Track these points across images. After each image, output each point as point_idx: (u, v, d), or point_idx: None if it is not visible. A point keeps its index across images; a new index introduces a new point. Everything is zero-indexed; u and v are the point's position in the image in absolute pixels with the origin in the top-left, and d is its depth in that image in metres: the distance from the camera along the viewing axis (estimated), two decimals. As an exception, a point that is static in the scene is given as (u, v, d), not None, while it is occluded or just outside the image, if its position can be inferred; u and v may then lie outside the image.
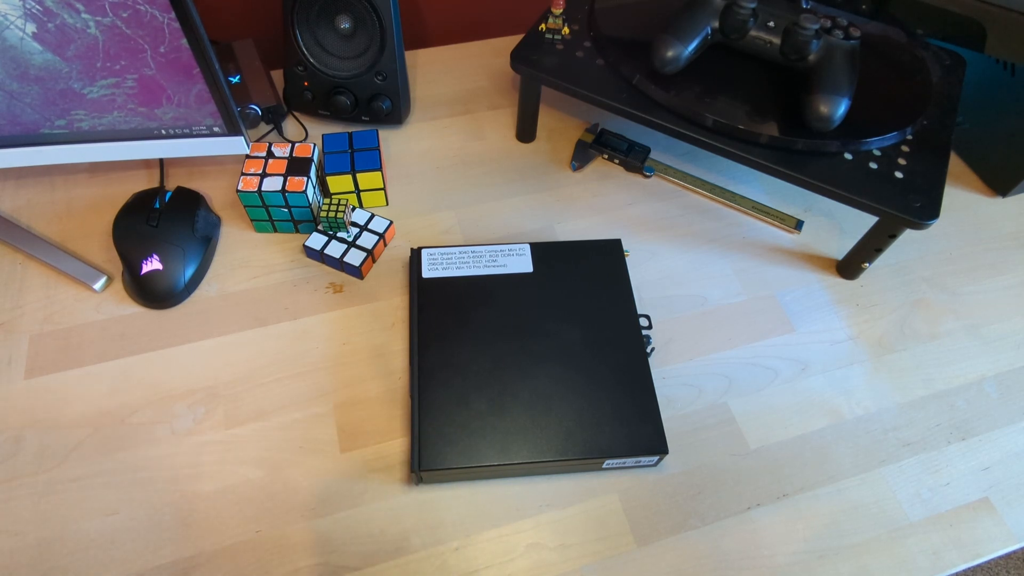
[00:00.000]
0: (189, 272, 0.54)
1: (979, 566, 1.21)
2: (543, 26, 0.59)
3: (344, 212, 0.55)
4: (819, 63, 0.52)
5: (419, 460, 0.44)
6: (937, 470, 0.49)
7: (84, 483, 0.46)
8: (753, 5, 0.53)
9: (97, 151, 0.54)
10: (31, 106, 0.50)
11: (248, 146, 0.56)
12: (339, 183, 0.58)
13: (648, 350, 0.51)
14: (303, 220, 0.57)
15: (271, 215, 0.57)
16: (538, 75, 0.58)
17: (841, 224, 0.62)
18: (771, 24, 0.54)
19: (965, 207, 0.65)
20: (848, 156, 0.53)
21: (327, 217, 0.55)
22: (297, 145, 0.57)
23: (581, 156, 0.64)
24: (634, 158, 0.64)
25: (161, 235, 0.54)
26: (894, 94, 0.56)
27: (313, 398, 0.50)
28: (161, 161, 0.62)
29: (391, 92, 0.63)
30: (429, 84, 0.71)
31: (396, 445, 0.48)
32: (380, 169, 0.57)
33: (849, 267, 0.58)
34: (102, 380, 0.50)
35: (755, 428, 0.50)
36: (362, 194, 0.60)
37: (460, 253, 0.54)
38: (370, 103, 0.63)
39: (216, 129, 0.54)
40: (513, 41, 0.68)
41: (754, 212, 0.62)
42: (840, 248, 0.60)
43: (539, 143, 0.67)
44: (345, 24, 0.59)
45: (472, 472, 0.45)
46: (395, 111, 0.64)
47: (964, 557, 0.45)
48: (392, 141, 0.66)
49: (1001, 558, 1.21)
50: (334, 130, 0.64)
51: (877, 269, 0.59)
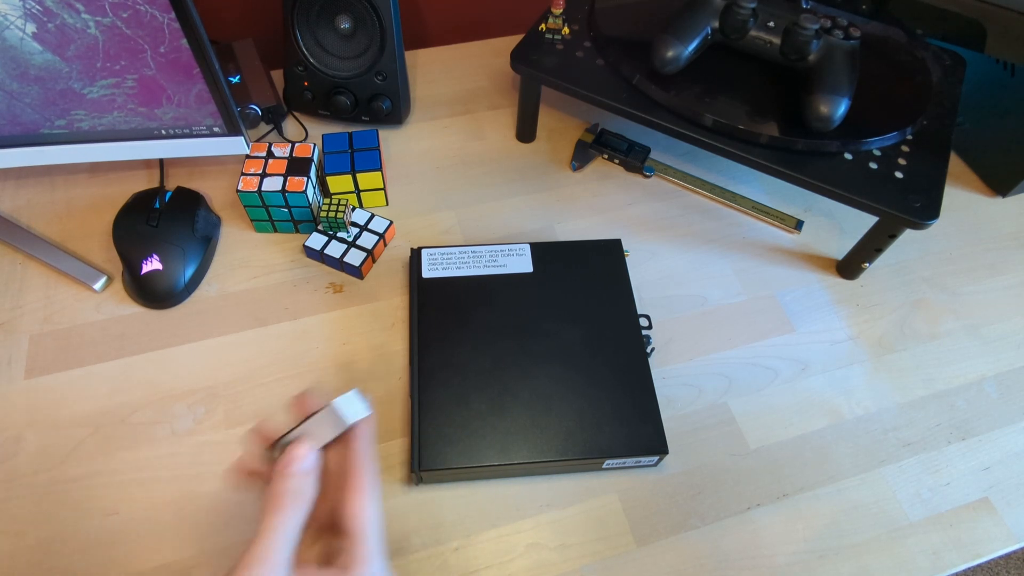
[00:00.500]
0: (189, 272, 0.54)
1: (979, 566, 1.21)
2: (543, 26, 0.59)
3: (344, 212, 0.55)
4: (819, 63, 0.52)
5: (419, 460, 0.44)
6: (937, 470, 0.49)
7: (84, 483, 0.46)
8: (753, 5, 0.53)
9: (97, 151, 0.54)
10: (31, 106, 0.50)
11: (248, 146, 0.56)
12: (339, 183, 0.58)
13: (648, 350, 0.51)
14: (303, 220, 0.57)
15: (271, 215, 0.57)
16: (538, 75, 0.58)
17: (841, 224, 0.62)
18: (771, 24, 0.54)
19: (965, 207, 0.65)
20: (848, 156, 0.53)
21: (327, 217, 0.55)
22: (297, 145, 0.57)
23: (581, 156, 0.64)
24: (634, 158, 0.64)
25: (161, 235, 0.54)
26: (894, 94, 0.56)
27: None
28: (161, 161, 0.62)
29: (391, 92, 0.63)
30: (429, 84, 0.71)
31: (396, 445, 0.48)
32: (380, 169, 0.57)
33: (849, 267, 0.58)
34: (102, 380, 0.50)
35: (755, 428, 0.50)
36: (362, 194, 0.60)
37: (460, 253, 0.54)
38: (370, 103, 0.63)
39: (216, 129, 0.54)
40: (513, 41, 0.68)
41: (754, 212, 0.62)
42: (840, 248, 0.60)
43: (539, 143, 0.67)
44: (345, 24, 0.59)
45: (472, 472, 0.45)
46: (395, 111, 0.64)
47: (964, 557, 0.45)
48: (392, 141, 0.66)
49: (1001, 558, 1.21)
50: (334, 130, 0.64)
51: (877, 269, 0.59)
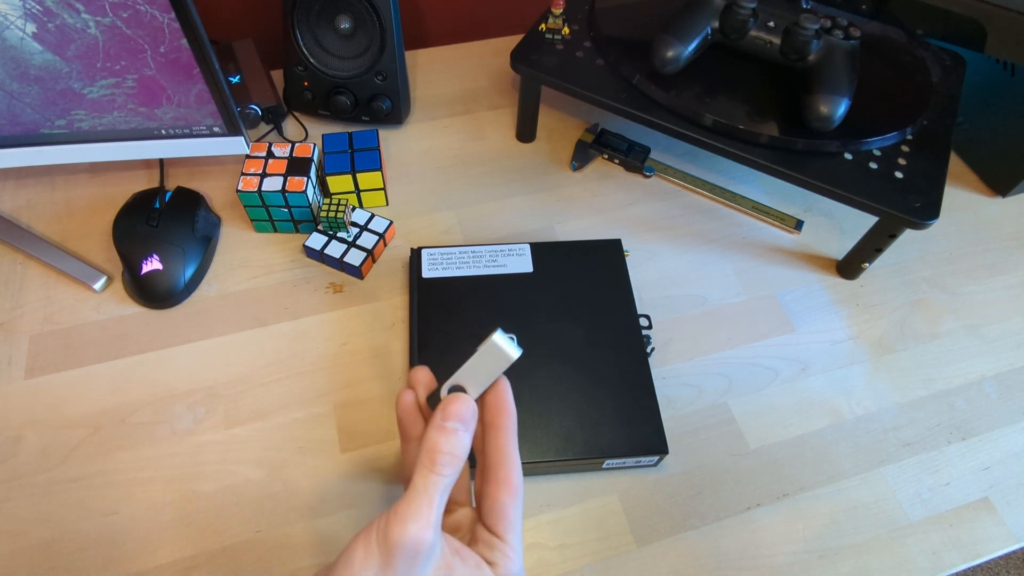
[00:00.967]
0: (189, 272, 0.54)
1: (979, 566, 1.21)
2: (543, 26, 0.59)
3: (344, 212, 0.55)
4: (819, 63, 0.52)
5: (419, 460, 0.44)
6: (937, 470, 0.49)
7: (84, 483, 0.46)
8: (753, 5, 0.53)
9: (97, 151, 0.54)
10: (31, 106, 0.50)
11: (248, 146, 0.56)
12: (339, 183, 0.58)
13: (648, 350, 0.51)
14: (303, 220, 0.57)
15: (271, 215, 0.57)
16: (538, 75, 0.58)
17: (841, 224, 0.62)
18: (771, 24, 0.54)
19: (965, 207, 0.65)
20: (848, 156, 0.53)
21: (327, 217, 0.55)
22: (297, 145, 0.57)
23: (581, 156, 0.64)
24: (634, 158, 0.64)
25: (161, 235, 0.54)
26: (894, 94, 0.56)
27: (313, 398, 0.50)
28: (161, 161, 0.62)
29: (391, 92, 0.63)
30: (429, 84, 0.71)
31: (396, 445, 0.48)
32: (380, 169, 0.57)
33: (849, 267, 0.58)
34: (102, 380, 0.50)
35: (755, 428, 0.50)
36: (362, 194, 0.60)
37: (460, 253, 0.54)
38: (370, 103, 0.63)
39: (216, 129, 0.54)
40: (513, 41, 0.68)
41: (754, 212, 0.62)
42: (840, 248, 0.60)
43: (539, 143, 0.67)
44: (345, 24, 0.59)
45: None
46: (395, 111, 0.64)
47: (964, 557, 0.45)
48: (392, 141, 0.66)
49: (1001, 558, 1.21)
50: (334, 130, 0.64)
51: (877, 269, 0.59)
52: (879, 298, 0.58)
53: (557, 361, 0.48)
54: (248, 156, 0.56)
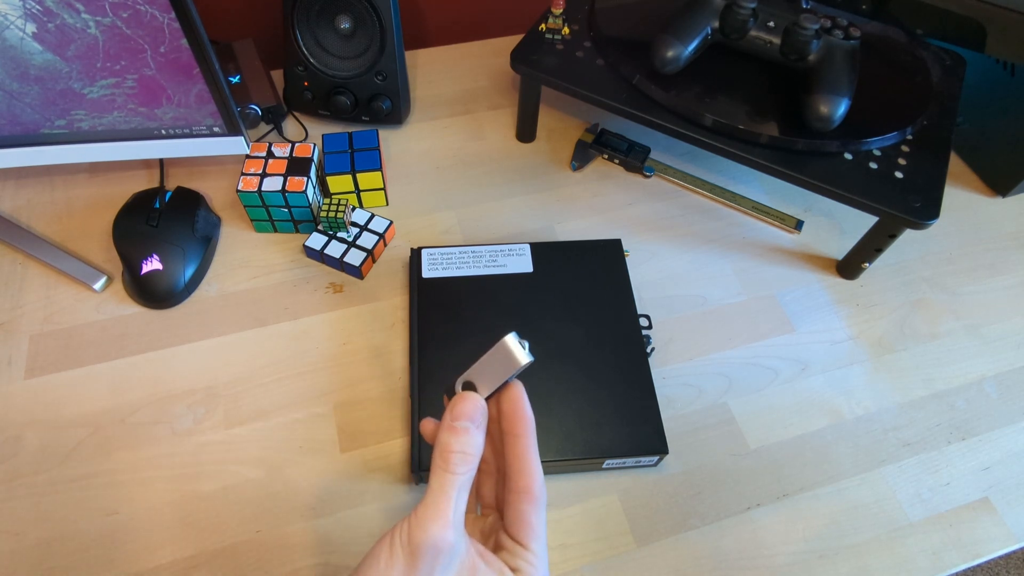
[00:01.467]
0: (189, 272, 0.54)
1: (979, 566, 1.21)
2: (543, 26, 0.59)
3: (344, 212, 0.55)
4: (819, 63, 0.52)
5: (419, 460, 0.44)
6: (937, 470, 0.49)
7: (84, 483, 0.46)
8: (753, 5, 0.53)
9: (97, 151, 0.54)
10: (31, 106, 0.50)
11: (248, 146, 0.56)
12: (339, 183, 0.58)
13: (648, 350, 0.51)
14: (303, 220, 0.57)
15: (271, 215, 0.57)
16: (538, 75, 0.58)
17: (841, 224, 0.62)
18: (771, 24, 0.54)
19: (965, 207, 0.65)
20: (848, 156, 0.53)
21: (327, 217, 0.55)
22: (297, 145, 0.57)
23: (581, 156, 0.64)
24: (634, 158, 0.64)
25: (161, 235, 0.54)
26: (894, 94, 0.56)
27: (313, 398, 0.50)
28: (161, 161, 0.62)
29: (391, 92, 0.63)
30: (429, 84, 0.71)
31: (396, 445, 0.48)
32: (380, 169, 0.57)
33: (849, 267, 0.58)
34: (102, 380, 0.50)
35: (755, 428, 0.50)
36: (362, 194, 0.60)
37: (460, 253, 0.54)
38: (370, 103, 0.63)
39: (216, 129, 0.54)
40: (513, 41, 0.68)
41: (754, 212, 0.62)
42: (840, 248, 0.60)
43: (539, 143, 0.67)
44: (345, 24, 0.59)
45: None
46: (395, 111, 0.64)
47: (964, 557, 0.45)
48: (392, 141, 0.66)
49: (1001, 558, 1.21)
50: (334, 130, 0.64)
51: (877, 269, 0.59)
52: (879, 298, 0.58)
53: (557, 361, 0.48)
54: (248, 156, 0.56)
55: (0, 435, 0.47)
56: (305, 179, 0.54)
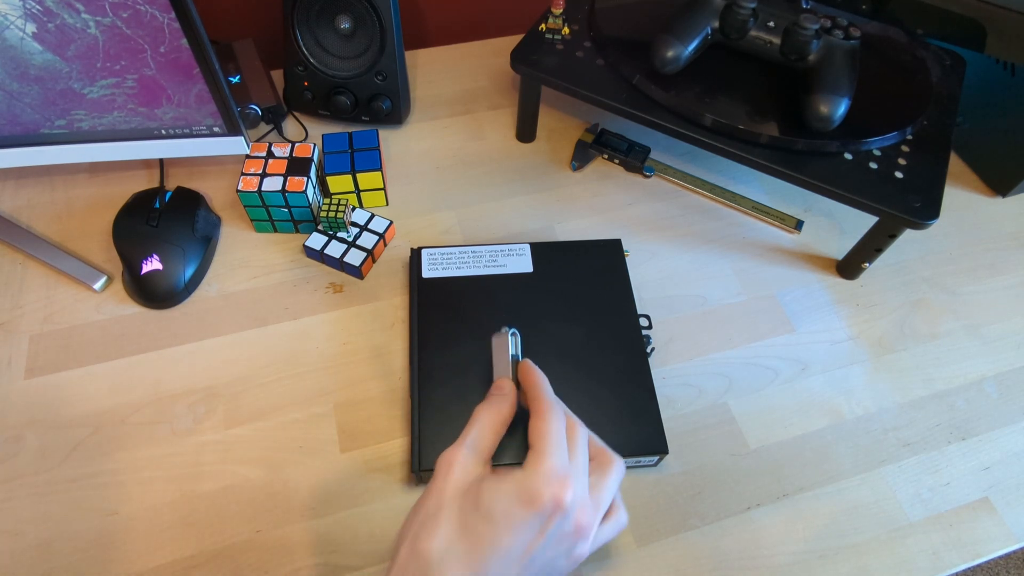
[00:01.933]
0: (189, 272, 0.54)
1: (979, 566, 1.21)
2: (543, 26, 0.59)
3: (344, 212, 0.55)
4: (819, 63, 0.52)
5: (419, 460, 0.44)
6: (937, 470, 0.49)
7: (84, 483, 0.46)
8: (753, 5, 0.53)
9: (97, 151, 0.54)
10: (31, 106, 0.50)
11: (248, 146, 0.56)
12: (339, 183, 0.58)
13: (648, 350, 0.51)
14: (303, 220, 0.57)
15: (271, 215, 0.57)
16: (538, 75, 0.58)
17: (841, 224, 0.62)
18: (771, 24, 0.54)
19: (965, 207, 0.65)
20: (848, 156, 0.53)
21: (327, 217, 0.55)
22: (297, 145, 0.57)
23: (581, 156, 0.64)
24: (634, 158, 0.64)
25: (161, 235, 0.54)
26: (894, 94, 0.56)
27: (313, 398, 0.50)
28: (161, 161, 0.62)
29: (391, 92, 0.63)
30: (429, 84, 0.71)
31: (396, 445, 0.48)
32: (380, 169, 0.57)
33: (849, 267, 0.58)
34: (102, 380, 0.50)
35: (755, 428, 0.50)
36: (362, 194, 0.60)
37: (460, 253, 0.54)
38: (370, 103, 0.63)
39: (216, 129, 0.54)
40: (513, 41, 0.68)
41: (754, 212, 0.62)
42: (840, 248, 0.60)
43: (539, 143, 0.67)
44: (345, 24, 0.59)
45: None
46: (395, 111, 0.64)
47: (964, 557, 0.45)
48: (392, 141, 0.66)
49: (1001, 558, 1.21)
50: (334, 130, 0.64)
51: (877, 269, 0.59)
52: (879, 298, 0.58)
53: (557, 361, 0.48)
54: (248, 156, 0.56)
55: (0, 435, 0.47)
56: (305, 179, 0.54)
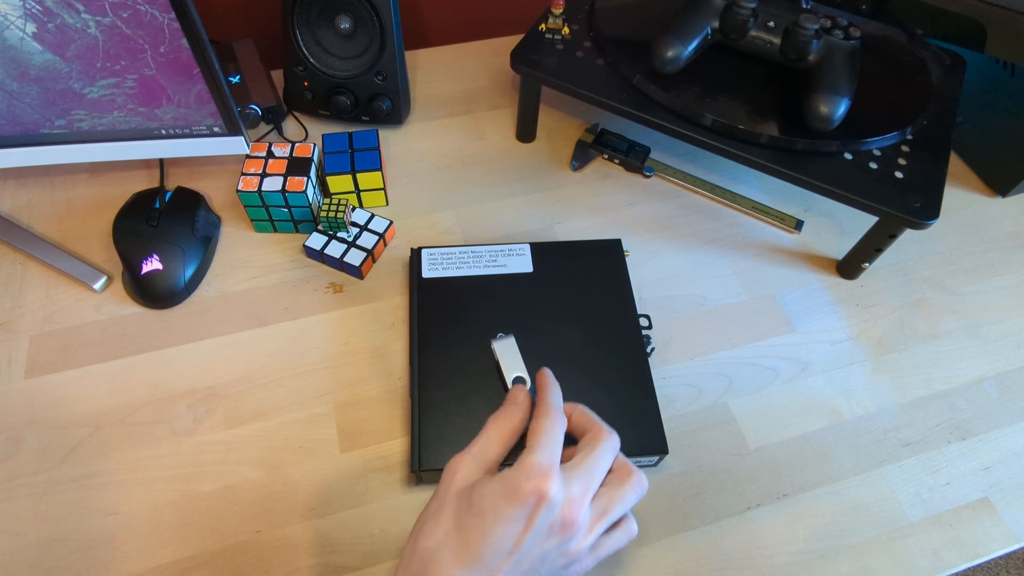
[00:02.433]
0: (189, 272, 0.54)
1: (979, 566, 1.21)
2: (543, 26, 0.59)
3: (344, 212, 0.55)
4: (819, 63, 0.52)
5: (419, 460, 0.44)
6: (937, 470, 0.49)
7: (84, 483, 0.46)
8: (753, 5, 0.53)
9: (97, 151, 0.54)
10: (31, 106, 0.50)
11: (248, 146, 0.56)
12: (339, 183, 0.58)
13: (648, 350, 0.51)
14: (303, 220, 0.57)
15: (271, 215, 0.57)
16: (538, 75, 0.57)
17: (841, 224, 0.62)
18: (771, 24, 0.54)
19: (965, 207, 0.65)
20: (848, 156, 0.53)
21: (327, 217, 0.55)
22: (297, 145, 0.57)
23: (581, 156, 0.64)
24: (634, 158, 0.64)
25: (161, 235, 0.54)
26: (894, 94, 0.56)
27: (313, 398, 0.50)
28: (161, 161, 0.62)
29: (391, 92, 0.63)
30: (429, 84, 0.71)
31: (396, 445, 0.48)
32: (380, 169, 0.57)
33: (849, 267, 0.58)
34: (102, 380, 0.50)
35: (755, 428, 0.50)
36: (362, 194, 0.60)
37: (460, 253, 0.54)
38: (370, 103, 0.63)
39: (216, 129, 0.54)
40: (513, 41, 0.68)
41: (754, 212, 0.62)
42: (840, 248, 0.60)
43: (539, 143, 0.67)
44: (345, 24, 0.59)
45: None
46: (395, 111, 0.64)
47: (964, 557, 0.45)
48: (392, 141, 0.66)
49: (1001, 558, 1.21)
50: (334, 130, 0.64)
51: (877, 269, 0.59)
52: (879, 298, 0.58)
53: (557, 361, 0.48)
54: (248, 156, 0.56)
55: (0, 435, 0.47)
56: (305, 179, 0.54)
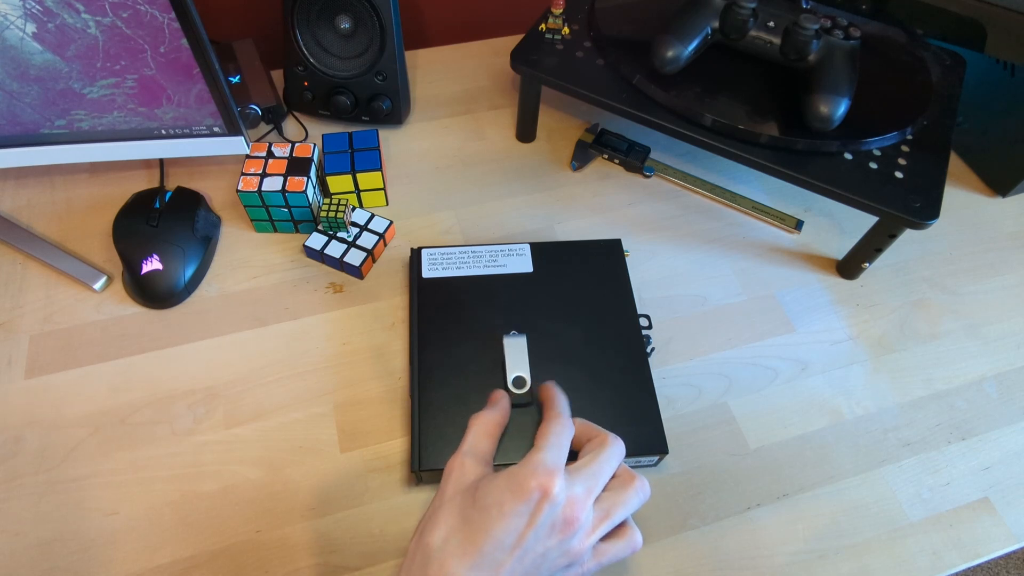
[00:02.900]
0: (189, 272, 0.54)
1: (979, 566, 1.21)
2: (543, 26, 0.59)
3: (344, 212, 0.55)
4: (819, 63, 0.52)
5: (419, 460, 0.44)
6: (937, 470, 0.49)
7: (84, 483, 0.46)
8: (753, 5, 0.53)
9: (97, 151, 0.54)
10: (31, 106, 0.50)
11: (248, 146, 0.56)
12: (339, 183, 0.58)
13: (648, 350, 0.51)
14: (303, 220, 0.57)
15: (271, 215, 0.57)
16: (538, 75, 0.58)
17: (841, 224, 0.62)
18: (771, 24, 0.54)
19: (965, 207, 0.65)
20: (848, 156, 0.53)
21: (327, 217, 0.55)
22: (297, 145, 0.57)
23: (581, 156, 0.64)
24: (634, 158, 0.64)
25: (161, 235, 0.54)
26: (894, 94, 0.56)
27: (313, 398, 0.50)
28: (161, 161, 0.62)
29: (391, 92, 0.63)
30: (429, 84, 0.71)
31: (396, 445, 0.48)
32: (380, 169, 0.57)
33: (849, 267, 0.58)
34: (102, 380, 0.50)
35: (755, 428, 0.50)
36: (362, 194, 0.60)
37: (460, 253, 0.54)
38: (370, 103, 0.63)
39: (216, 129, 0.54)
40: (513, 41, 0.68)
41: (754, 212, 0.62)
42: (840, 248, 0.60)
43: (539, 143, 0.67)
44: (345, 24, 0.59)
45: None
46: (395, 111, 0.64)
47: (964, 557, 0.45)
48: (392, 141, 0.66)
49: (1001, 558, 1.21)
50: (334, 130, 0.64)
51: (877, 269, 0.59)
52: (879, 298, 0.58)
53: (557, 361, 0.48)
54: (248, 156, 0.56)
55: (0, 435, 0.47)
56: (305, 179, 0.54)
